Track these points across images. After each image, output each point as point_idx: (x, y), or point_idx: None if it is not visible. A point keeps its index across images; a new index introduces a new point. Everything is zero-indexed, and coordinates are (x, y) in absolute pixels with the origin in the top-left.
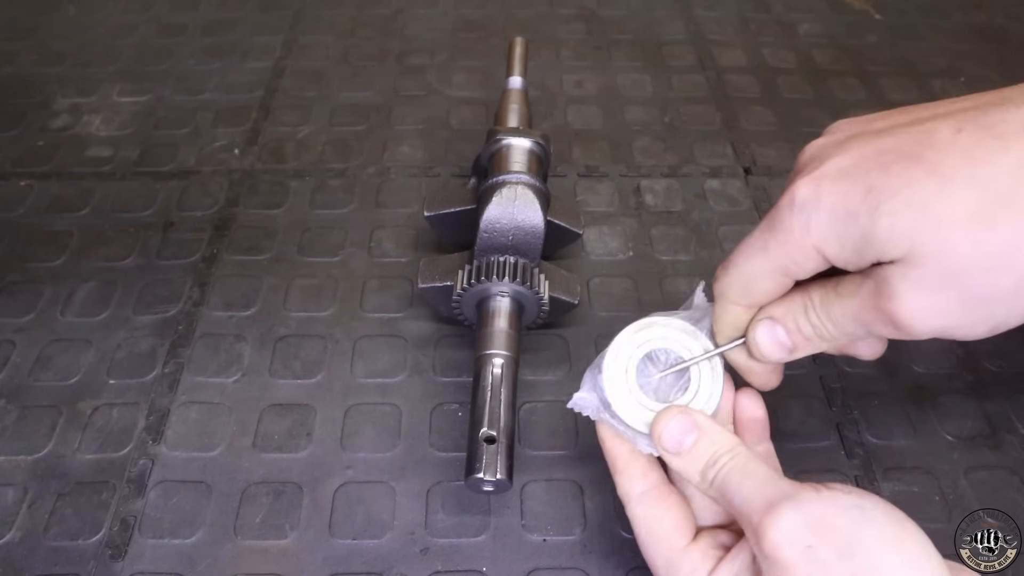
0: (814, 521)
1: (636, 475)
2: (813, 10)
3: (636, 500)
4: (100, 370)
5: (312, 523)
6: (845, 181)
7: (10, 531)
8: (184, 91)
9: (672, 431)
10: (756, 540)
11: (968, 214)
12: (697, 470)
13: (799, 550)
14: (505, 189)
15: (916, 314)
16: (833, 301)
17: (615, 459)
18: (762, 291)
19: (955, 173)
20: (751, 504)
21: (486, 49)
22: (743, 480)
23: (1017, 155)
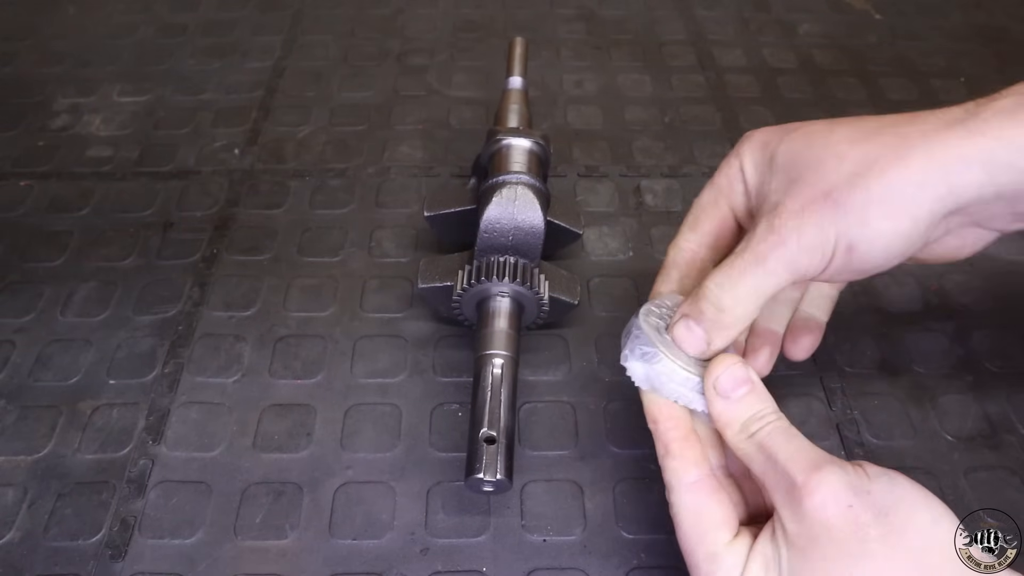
0: (854, 484)
1: (690, 462)
2: (813, 10)
3: (687, 488)
4: (100, 370)
5: (312, 523)
6: (770, 128)
7: (10, 531)
8: (184, 91)
9: (730, 375)
10: (796, 499)
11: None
12: (740, 420)
13: (842, 508)
14: (505, 189)
15: (793, 217)
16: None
17: (670, 441)
18: (704, 219)
19: (849, 120)
20: (796, 462)
21: (486, 49)
22: (788, 440)
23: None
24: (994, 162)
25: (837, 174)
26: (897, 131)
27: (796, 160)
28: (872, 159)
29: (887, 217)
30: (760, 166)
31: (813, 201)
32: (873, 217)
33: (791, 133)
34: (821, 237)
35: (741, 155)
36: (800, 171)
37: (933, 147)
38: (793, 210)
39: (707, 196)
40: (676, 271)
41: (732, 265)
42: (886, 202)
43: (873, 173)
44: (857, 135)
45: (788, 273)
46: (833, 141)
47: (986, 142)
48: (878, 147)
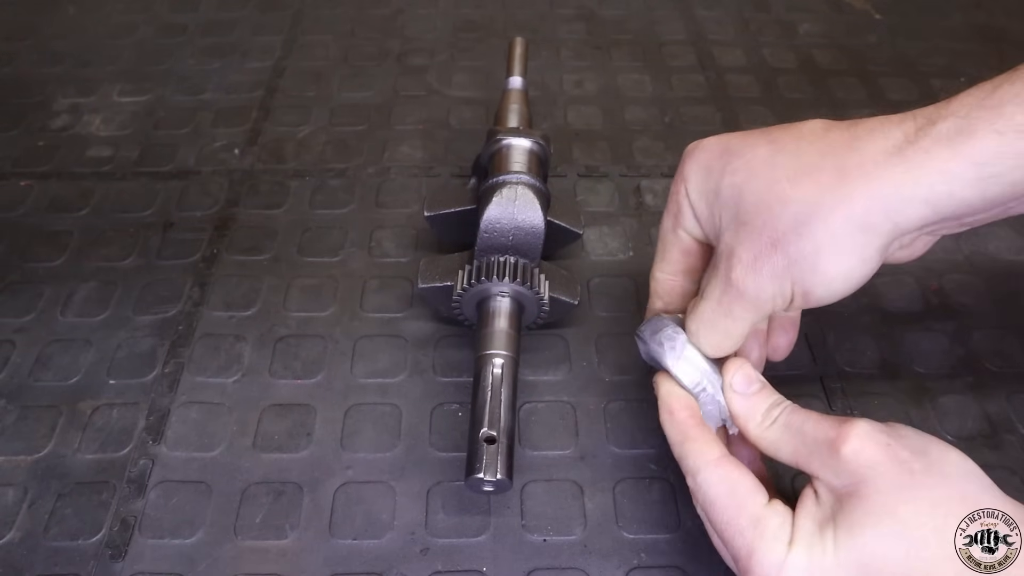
0: (886, 430)
1: (711, 442)
2: (813, 10)
3: (715, 463)
4: (100, 370)
5: (312, 523)
6: (713, 146)
7: (10, 531)
8: (184, 91)
9: (743, 375)
10: (834, 452)
11: (786, 175)
12: (760, 411)
13: (881, 447)
14: (505, 189)
15: (748, 271)
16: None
17: (687, 428)
18: (670, 248)
19: (790, 142)
20: (824, 424)
21: (486, 49)
22: (809, 414)
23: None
24: (935, 195)
25: (782, 221)
26: (837, 164)
27: (741, 199)
28: (814, 202)
29: (836, 262)
30: (705, 195)
31: (763, 252)
32: (822, 264)
33: (734, 160)
34: (778, 288)
35: (686, 179)
36: (747, 213)
37: (873, 186)
38: (747, 262)
39: (666, 224)
40: (659, 300)
41: (702, 312)
42: (833, 248)
43: (817, 219)
44: (797, 170)
45: (754, 316)
46: (775, 178)
47: (926, 176)
48: (818, 188)
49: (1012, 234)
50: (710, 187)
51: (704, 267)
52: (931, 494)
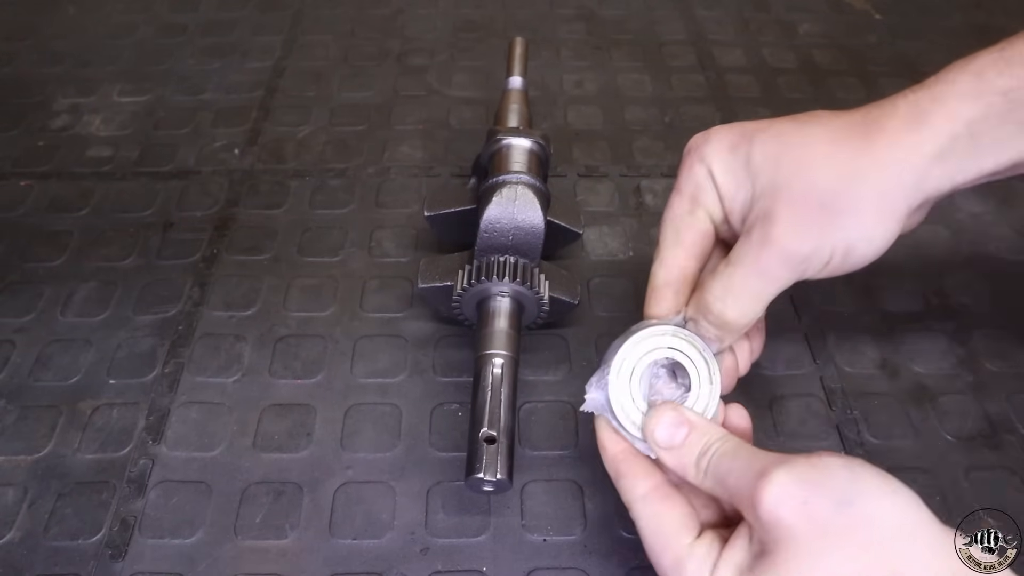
0: (807, 479)
1: (639, 476)
2: (813, 10)
3: (641, 500)
4: (100, 370)
5: (312, 523)
6: (728, 129)
7: (10, 531)
8: (184, 91)
9: (664, 426)
10: (753, 509)
11: (820, 140)
12: (691, 462)
13: (796, 505)
14: (505, 189)
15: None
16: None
17: (617, 464)
18: (687, 230)
19: (811, 120)
20: (744, 476)
21: (486, 49)
22: (733, 460)
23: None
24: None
25: (827, 182)
26: (867, 138)
27: (778, 166)
28: (853, 168)
29: (879, 220)
30: (734, 171)
31: (808, 210)
32: (867, 220)
33: (760, 134)
34: (819, 244)
35: (706, 159)
36: (785, 176)
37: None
38: (788, 219)
39: (680, 207)
40: (670, 290)
41: (731, 276)
42: (877, 206)
43: (861, 180)
44: (833, 141)
45: (788, 277)
46: (811, 143)
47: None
48: (855, 152)
49: (1012, 234)
50: (739, 161)
51: (710, 255)
52: (845, 556)
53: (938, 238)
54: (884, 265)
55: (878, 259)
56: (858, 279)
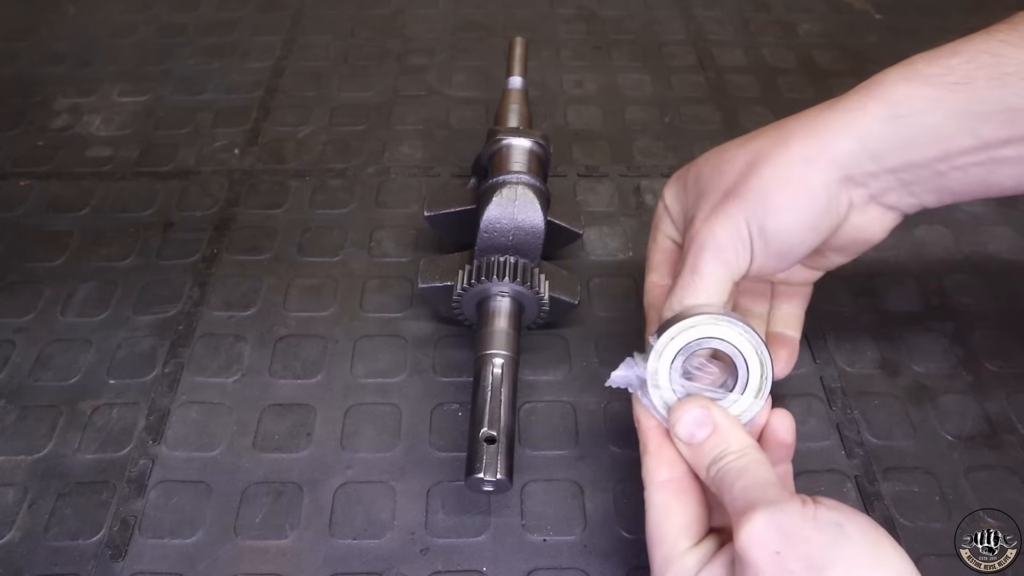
0: (788, 530)
1: (664, 461)
2: (813, 10)
3: (657, 487)
4: (100, 370)
5: (312, 523)
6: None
7: (10, 531)
8: (184, 91)
9: (687, 421)
10: (735, 539)
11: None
12: (704, 464)
13: (768, 554)
14: (505, 189)
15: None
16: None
17: (648, 440)
18: (654, 255)
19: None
20: (735, 503)
21: (486, 49)
22: (736, 480)
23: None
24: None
25: (732, 173)
26: (779, 126)
27: (699, 179)
28: (759, 151)
29: (784, 191)
30: (678, 196)
31: (718, 202)
32: (771, 195)
33: (697, 162)
34: (732, 228)
35: (663, 194)
36: (705, 185)
37: (807, 128)
38: (703, 217)
39: (652, 238)
40: (654, 311)
41: (677, 284)
42: (778, 180)
43: (762, 160)
44: (745, 140)
45: (722, 270)
46: (726, 150)
47: (848, 114)
48: (761, 142)
49: (1012, 234)
50: (679, 188)
51: None
52: None
53: (938, 238)
54: (884, 265)
55: (878, 259)
56: (858, 279)
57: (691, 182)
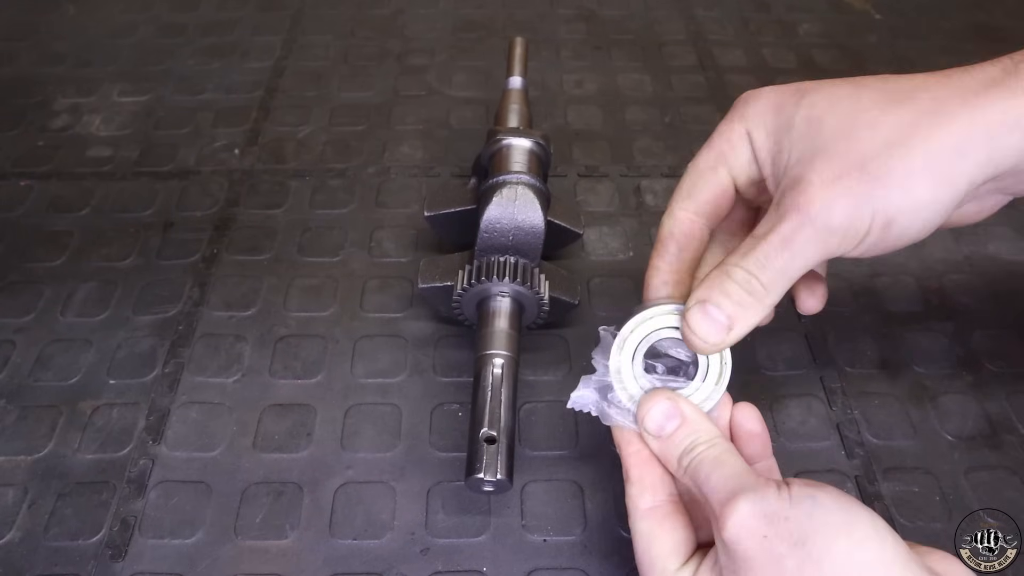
0: (770, 513)
1: (647, 488)
2: (813, 10)
3: (642, 515)
4: (100, 370)
5: (312, 523)
6: (778, 90)
7: (10, 531)
8: (184, 91)
9: (655, 414)
10: (718, 530)
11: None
12: (675, 456)
13: (757, 540)
14: (505, 189)
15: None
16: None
17: (630, 467)
18: (703, 186)
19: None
20: (716, 494)
21: (486, 49)
22: (712, 471)
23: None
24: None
25: (872, 143)
26: (932, 95)
27: (821, 127)
28: (910, 126)
29: (929, 187)
30: (775, 132)
31: (845, 174)
32: (916, 187)
33: (809, 95)
34: (855, 214)
35: (747, 119)
36: (826, 140)
37: (974, 111)
38: (821, 184)
39: (704, 161)
40: (674, 244)
41: (757, 248)
42: (928, 170)
43: (914, 141)
44: (888, 100)
45: (818, 254)
46: (862, 107)
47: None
48: (914, 113)
49: (1012, 234)
50: (781, 122)
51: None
52: None
53: (938, 238)
54: (884, 265)
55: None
56: (858, 279)
57: (802, 124)
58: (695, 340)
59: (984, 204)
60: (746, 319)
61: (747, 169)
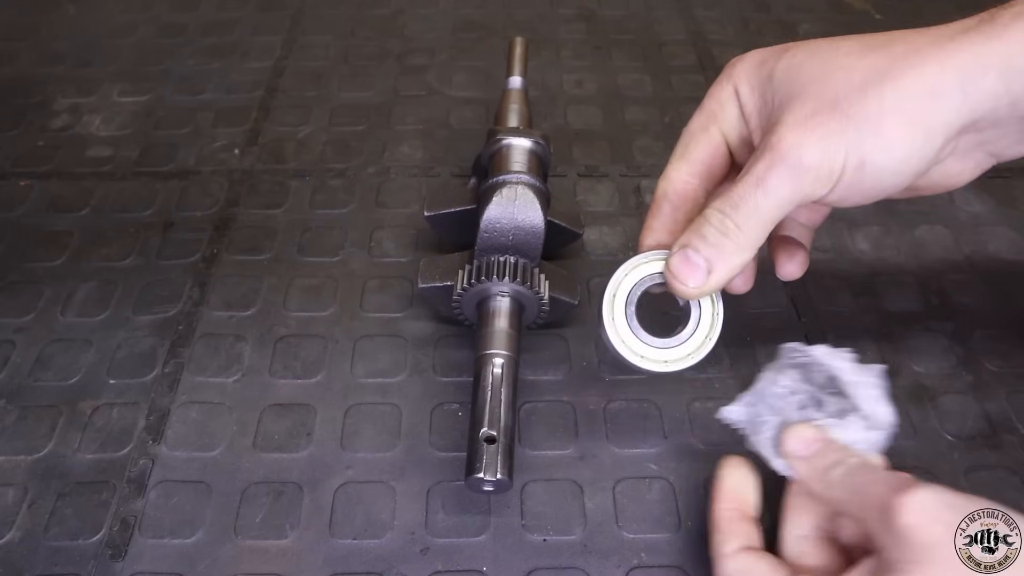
0: (948, 500)
1: (735, 534)
2: (813, 10)
3: (731, 556)
4: (100, 370)
5: (312, 523)
6: (762, 50)
7: (10, 531)
8: (184, 91)
9: (797, 439)
10: (891, 520)
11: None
12: (821, 471)
13: (945, 527)
14: (505, 189)
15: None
16: (731, 189)
17: (720, 521)
18: (696, 147)
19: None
20: (884, 483)
21: (486, 49)
22: (874, 469)
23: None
24: (1012, 68)
25: (847, 84)
26: (908, 41)
27: (799, 74)
28: (884, 68)
29: (901, 126)
30: (758, 86)
31: (817, 112)
32: (888, 127)
33: (791, 50)
34: (828, 152)
35: (734, 77)
36: (804, 84)
37: (947, 53)
38: (794, 124)
39: (697, 122)
40: (668, 204)
41: (732, 190)
42: (901, 111)
43: (887, 81)
44: (864, 48)
45: (791, 194)
46: (840, 54)
47: (1003, 47)
48: (889, 57)
49: (1012, 234)
50: (764, 75)
51: (724, 176)
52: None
53: (938, 238)
54: (884, 265)
55: (878, 259)
56: (858, 279)
57: (781, 73)
58: (676, 284)
59: (966, 163)
60: (724, 260)
61: (737, 126)
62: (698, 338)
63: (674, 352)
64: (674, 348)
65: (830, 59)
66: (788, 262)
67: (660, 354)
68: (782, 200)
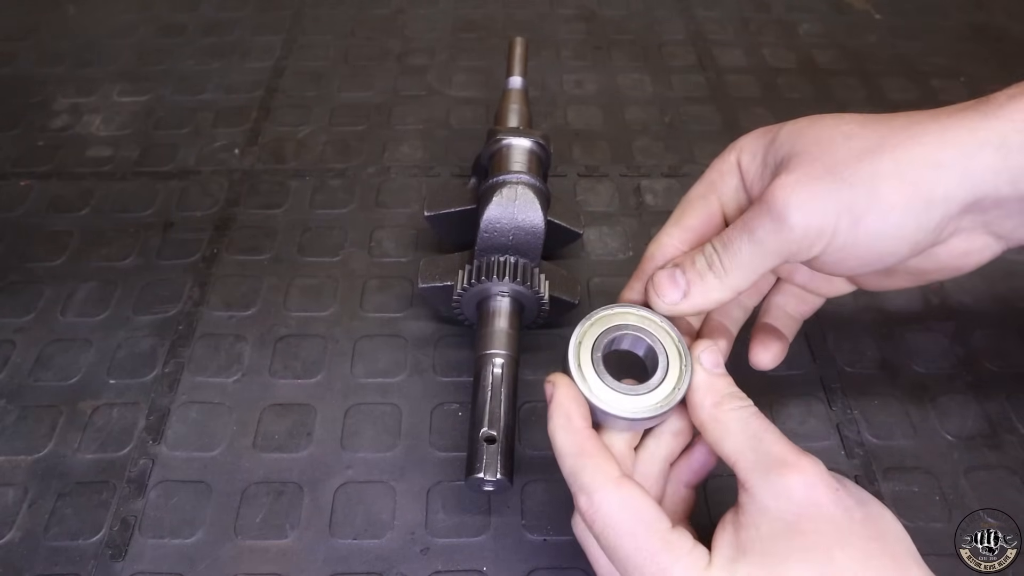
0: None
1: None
2: (813, 10)
3: (615, 483)
4: (100, 370)
5: (312, 523)
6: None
7: (10, 531)
8: (184, 91)
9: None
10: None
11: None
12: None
13: (832, 490)
14: (505, 189)
15: (786, 188)
16: (727, 230)
17: (583, 440)
18: (692, 212)
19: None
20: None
21: (486, 49)
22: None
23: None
24: (1007, 144)
25: (846, 150)
26: (907, 115)
27: (800, 137)
28: (883, 135)
29: (900, 192)
30: (760, 152)
31: (813, 172)
32: (885, 191)
33: (796, 120)
34: (818, 212)
35: (738, 147)
36: (804, 146)
37: (945, 127)
38: (788, 182)
39: (696, 191)
40: (653, 267)
41: (726, 232)
42: (899, 176)
43: (886, 149)
44: (866, 120)
45: (777, 247)
46: (842, 122)
47: (999, 124)
48: (889, 127)
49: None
50: (767, 140)
51: None
52: (866, 546)
53: None
54: None
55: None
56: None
57: (784, 136)
58: (652, 295)
59: (973, 243)
60: (702, 290)
61: (735, 196)
62: (666, 387)
63: (642, 401)
64: (642, 396)
65: (833, 127)
66: (762, 351)
67: (629, 403)
68: (767, 252)
